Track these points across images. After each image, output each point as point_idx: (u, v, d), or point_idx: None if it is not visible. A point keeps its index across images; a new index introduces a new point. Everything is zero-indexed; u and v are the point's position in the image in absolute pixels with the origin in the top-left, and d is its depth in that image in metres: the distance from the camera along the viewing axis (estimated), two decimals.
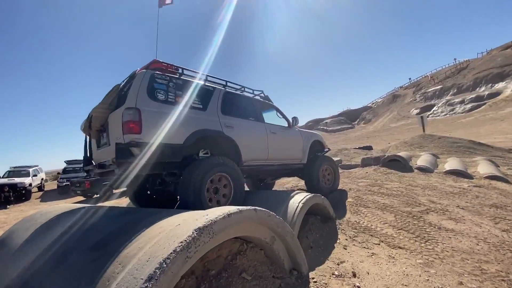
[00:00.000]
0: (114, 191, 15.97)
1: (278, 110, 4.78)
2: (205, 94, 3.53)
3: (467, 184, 5.19)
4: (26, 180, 15.37)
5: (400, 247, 2.76)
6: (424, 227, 3.19)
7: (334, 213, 3.63)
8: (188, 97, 3.28)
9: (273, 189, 6.37)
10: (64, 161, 20.58)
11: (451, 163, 6.99)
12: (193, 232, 1.37)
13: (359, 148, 13.13)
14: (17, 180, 14.80)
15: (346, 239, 3.01)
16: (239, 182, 3.33)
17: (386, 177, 5.97)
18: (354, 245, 2.88)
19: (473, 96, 36.83)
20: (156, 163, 2.80)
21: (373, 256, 2.60)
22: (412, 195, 4.50)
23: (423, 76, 55.83)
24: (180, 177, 3.04)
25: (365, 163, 7.87)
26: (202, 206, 2.78)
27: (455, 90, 41.44)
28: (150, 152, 2.69)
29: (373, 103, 63.77)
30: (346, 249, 2.79)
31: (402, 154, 7.61)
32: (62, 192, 16.74)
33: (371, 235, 3.06)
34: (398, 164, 7.04)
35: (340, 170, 7.69)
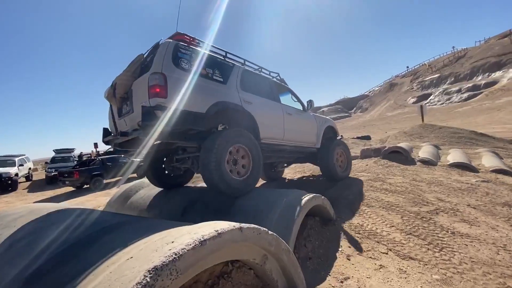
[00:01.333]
0: (105, 181, 15.56)
1: (293, 93, 4.80)
2: (225, 69, 3.54)
3: (474, 178, 4.86)
4: (12, 170, 14.78)
5: (411, 258, 2.40)
6: (436, 232, 2.84)
7: (335, 214, 3.26)
8: (210, 69, 3.31)
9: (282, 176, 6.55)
10: (53, 150, 19.93)
11: (454, 155, 6.67)
12: (144, 276, 0.95)
13: (357, 138, 12.77)
14: (1, 170, 14.21)
15: (349, 247, 2.65)
16: (257, 155, 3.38)
17: (388, 170, 5.62)
18: (358, 254, 2.52)
19: (470, 85, 36.60)
20: (179, 130, 2.87)
21: (381, 270, 2.24)
22: (417, 191, 4.15)
23: (421, 65, 55.29)
24: (200, 150, 3.08)
25: (365, 154, 7.51)
26: (223, 176, 2.87)
27: (452, 79, 41.14)
28: (175, 117, 2.70)
29: (370, 92, 63.30)
30: (349, 259, 2.42)
31: (403, 145, 7.26)
32: (50, 183, 16.22)
33: (377, 242, 2.69)
34: (399, 156, 6.69)
35: None
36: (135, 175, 17.10)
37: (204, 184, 3.76)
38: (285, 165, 6.03)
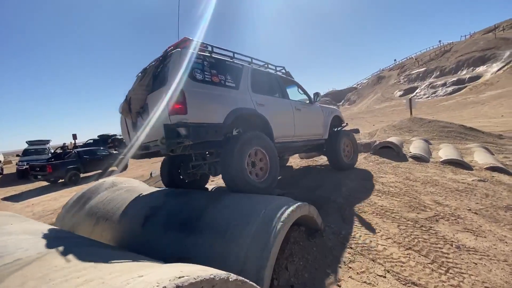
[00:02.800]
0: (82, 175, 14.68)
1: (299, 86, 4.81)
2: (235, 72, 3.54)
3: (469, 177, 4.56)
4: None
5: (414, 284, 1.98)
6: (439, 246, 2.44)
7: (323, 222, 2.82)
8: (222, 76, 3.30)
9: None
10: (26, 142, 18.68)
11: (445, 151, 6.40)
12: None
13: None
14: None
15: (340, 266, 2.21)
16: (274, 156, 3.47)
17: (379, 167, 5.25)
18: (350, 277, 2.08)
19: (455, 79, 37.13)
20: (200, 142, 2.89)
21: None
22: (413, 193, 3.78)
23: (408, 58, 55.74)
24: (218, 156, 3.26)
25: None
26: (245, 179, 2.98)
27: (438, 73, 41.64)
28: (196, 132, 2.76)
29: (358, 84, 63.56)
30: (340, 286, 1.98)
31: (393, 139, 6.93)
32: (22, 177, 15.18)
33: (372, 260, 2.27)
34: (390, 151, 6.35)
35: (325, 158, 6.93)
36: (115, 168, 16.32)
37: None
38: (290, 154, 6.03)
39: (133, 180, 4.70)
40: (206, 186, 4.82)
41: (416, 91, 40.77)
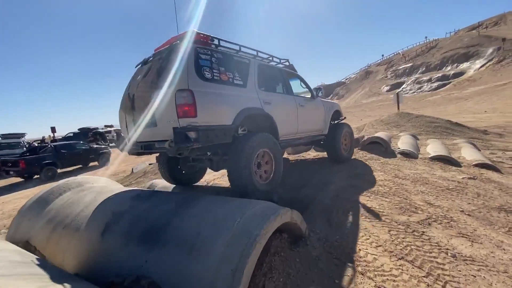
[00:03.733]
0: (59, 170, 13.95)
1: (302, 80, 4.76)
2: (242, 68, 3.42)
3: (459, 175, 4.41)
4: None
5: None
6: (433, 254, 2.22)
7: (307, 228, 2.54)
8: (230, 73, 3.17)
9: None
10: None
11: (433, 147, 6.29)
12: None
13: None
14: None
15: (325, 282, 1.94)
16: (280, 159, 3.47)
17: (368, 164, 5.05)
18: None
19: (440, 75, 37.87)
20: (209, 145, 2.80)
21: None
22: (403, 192, 3.57)
23: (395, 53, 56.36)
24: (224, 154, 3.22)
25: None
26: (252, 180, 2.95)
27: (424, 69, 42.35)
28: (206, 134, 2.67)
29: (346, 79, 63.95)
30: None
31: (382, 135, 6.76)
32: None
33: (362, 274, 2.00)
34: (378, 147, 6.18)
35: (315, 154, 6.70)
36: (96, 163, 15.61)
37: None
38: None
39: (103, 179, 4.27)
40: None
41: (403, 86, 41.37)
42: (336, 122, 5.55)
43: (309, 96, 4.75)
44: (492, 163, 5.18)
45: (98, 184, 3.89)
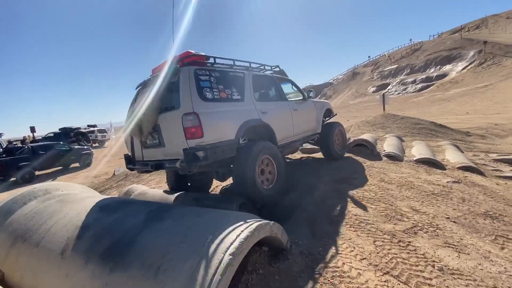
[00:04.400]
0: (37, 173, 13.35)
1: (293, 83, 4.93)
2: (239, 82, 3.59)
3: (444, 178, 4.38)
4: None
5: None
6: (419, 267, 2.10)
7: (289, 240, 2.38)
8: (228, 90, 3.34)
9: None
10: None
11: (418, 149, 6.29)
12: None
13: None
14: None
15: None
16: (281, 163, 3.64)
17: (353, 167, 4.96)
18: None
19: (424, 76, 38.84)
20: (217, 160, 2.95)
21: None
22: (388, 198, 3.48)
23: (381, 55, 57.44)
24: (228, 165, 3.37)
25: None
26: (256, 187, 3.11)
27: (409, 70, 43.33)
28: (213, 151, 2.85)
29: (334, 80, 64.70)
30: None
31: (368, 137, 6.72)
32: None
33: None
34: (364, 149, 6.13)
35: (301, 155, 6.59)
36: (77, 164, 14.99)
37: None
38: None
39: (74, 186, 3.97)
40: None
41: (388, 87, 42.19)
42: (327, 119, 5.80)
43: (301, 97, 4.95)
44: (476, 166, 5.21)
45: (68, 191, 3.60)
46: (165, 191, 4.30)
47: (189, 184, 4.43)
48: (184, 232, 1.83)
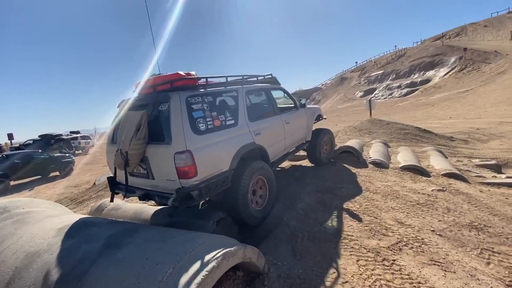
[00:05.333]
0: (12, 183, 12.71)
1: (285, 91, 4.84)
2: (232, 104, 3.44)
3: (429, 186, 4.32)
4: None
5: None
6: None
7: (267, 263, 2.20)
8: (222, 116, 3.11)
9: None
10: None
11: (404, 155, 6.27)
12: None
13: None
14: None
15: None
16: (272, 183, 3.58)
17: (339, 176, 4.84)
18: None
19: (408, 82, 39.83)
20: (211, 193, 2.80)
21: None
22: (373, 210, 3.35)
23: (368, 61, 58.72)
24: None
25: None
26: (248, 207, 3.04)
27: (394, 76, 44.38)
28: (207, 189, 2.70)
29: (323, 85, 65.54)
30: None
31: (354, 143, 6.65)
32: None
33: None
34: (350, 156, 6.04)
35: (288, 164, 6.44)
36: (57, 173, 14.35)
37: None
38: None
39: (38, 202, 3.66)
40: None
41: (375, 92, 43.04)
42: (315, 121, 5.84)
43: (292, 105, 4.90)
44: (460, 172, 5.20)
45: (30, 209, 3.30)
46: (142, 203, 4.04)
47: None
48: (143, 264, 1.61)
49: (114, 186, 3.30)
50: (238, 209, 2.97)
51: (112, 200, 3.41)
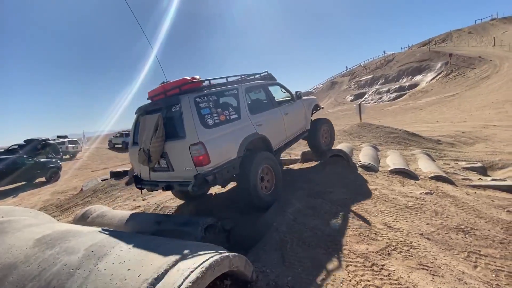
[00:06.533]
0: None
1: (282, 86, 5.15)
2: (234, 100, 3.80)
3: (417, 189, 4.37)
4: None
5: None
6: None
7: (255, 271, 2.15)
8: (226, 111, 3.55)
9: None
10: None
11: (393, 158, 6.35)
12: None
13: None
14: None
15: None
16: (278, 171, 3.94)
17: (329, 180, 4.84)
18: None
19: (397, 86, 40.70)
20: (223, 177, 3.27)
21: None
22: (363, 214, 3.36)
23: (357, 65, 59.75)
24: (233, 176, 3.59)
25: (306, 158, 6.75)
26: (258, 194, 3.49)
27: (383, 80, 45.28)
28: (221, 174, 3.18)
29: (314, 89, 66.23)
30: None
31: (344, 147, 6.70)
32: None
33: None
34: (341, 159, 6.07)
35: (284, 167, 6.41)
36: (43, 179, 13.92)
37: None
38: None
39: (19, 210, 3.51)
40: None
41: (365, 96, 43.76)
42: (314, 112, 6.14)
43: (289, 98, 5.21)
44: (447, 175, 5.29)
45: (9, 218, 3.15)
46: (128, 211, 3.94)
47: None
48: (123, 276, 1.54)
49: (139, 182, 3.79)
50: (250, 193, 3.41)
51: (141, 193, 4.51)
